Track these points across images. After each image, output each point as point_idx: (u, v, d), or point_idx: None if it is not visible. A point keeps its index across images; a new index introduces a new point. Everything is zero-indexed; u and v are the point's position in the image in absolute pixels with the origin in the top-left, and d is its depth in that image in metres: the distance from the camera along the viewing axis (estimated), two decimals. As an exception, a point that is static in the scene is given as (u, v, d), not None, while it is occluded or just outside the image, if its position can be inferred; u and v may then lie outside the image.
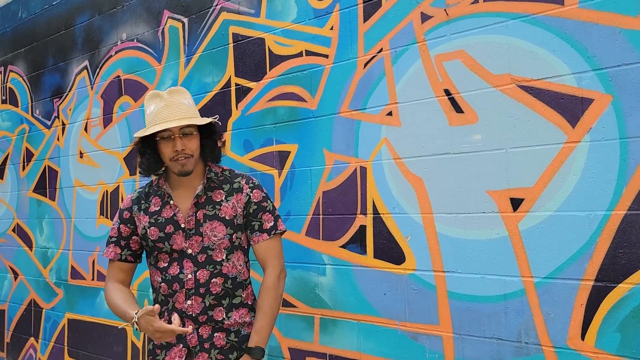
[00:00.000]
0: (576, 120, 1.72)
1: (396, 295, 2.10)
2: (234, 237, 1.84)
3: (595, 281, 1.68)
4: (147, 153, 1.85)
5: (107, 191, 3.35)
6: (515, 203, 1.84)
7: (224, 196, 1.86)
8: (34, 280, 3.91)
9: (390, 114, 2.14)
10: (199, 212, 1.83)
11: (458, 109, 1.97)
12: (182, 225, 1.82)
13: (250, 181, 1.91)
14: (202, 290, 1.80)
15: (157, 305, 1.62)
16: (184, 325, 1.79)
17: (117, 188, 3.28)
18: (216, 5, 2.77)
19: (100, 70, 3.44)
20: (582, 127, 1.71)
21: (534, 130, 1.80)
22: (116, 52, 3.33)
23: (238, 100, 2.66)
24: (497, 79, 1.88)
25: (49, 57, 3.83)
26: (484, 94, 1.90)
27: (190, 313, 1.80)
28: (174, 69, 2.97)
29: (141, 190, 1.94)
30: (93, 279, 3.43)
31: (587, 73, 1.70)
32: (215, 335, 1.82)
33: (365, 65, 2.22)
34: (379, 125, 2.17)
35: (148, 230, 1.85)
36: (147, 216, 1.87)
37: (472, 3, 1.93)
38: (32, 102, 3.98)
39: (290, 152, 2.44)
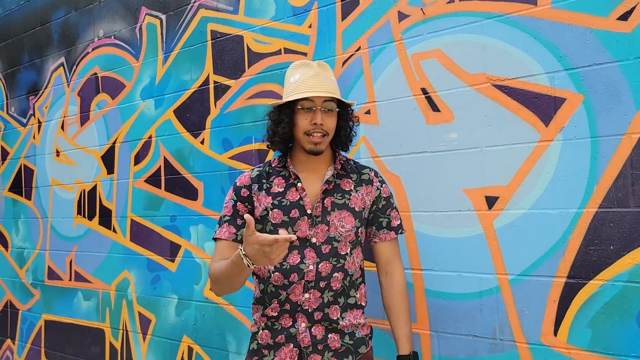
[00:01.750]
0: (549, 119, 1.74)
1: (375, 293, 2.10)
2: (359, 231, 1.71)
3: (568, 278, 1.70)
4: (284, 122, 1.66)
5: (84, 190, 3.31)
6: (490, 201, 1.85)
7: (353, 186, 1.72)
8: (9, 281, 3.84)
9: (368, 112, 2.14)
10: (326, 199, 1.68)
11: (435, 107, 1.98)
12: (309, 211, 1.66)
13: (379, 175, 1.80)
14: (322, 284, 1.65)
15: (249, 216, 1.38)
16: (294, 322, 1.65)
17: (95, 187, 3.24)
18: (194, 2, 2.75)
19: (77, 67, 3.39)
20: (554, 126, 1.73)
21: (509, 129, 1.82)
22: (93, 49, 3.28)
23: (217, 98, 2.65)
24: (472, 78, 1.89)
25: (24, 54, 3.76)
26: (460, 92, 1.92)
27: (307, 308, 1.64)
28: (152, 66, 2.94)
29: (261, 168, 1.76)
30: (70, 280, 3.38)
31: (560, 72, 1.72)
32: (329, 336, 1.66)
33: (344, 63, 2.22)
34: (358, 123, 2.17)
35: (270, 212, 1.67)
36: (270, 197, 1.69)
37: (447, 2, 1.95)
38: (7, 99, 3.91)
39: (269, 150, 2.44)
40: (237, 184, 1.74)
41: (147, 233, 2.95)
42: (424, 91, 2.00)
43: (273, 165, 1.75)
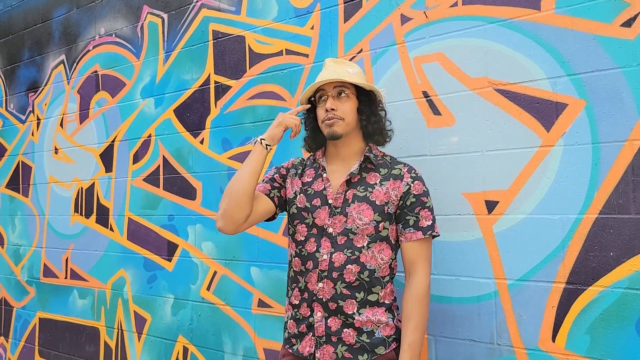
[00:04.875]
0: (550, 124, 1.74)
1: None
2: (380, 225, 1.65)
3: (567, 284, 1.70)
4: (308, 117, 1.82)
5: (82, 188, 3.29)
6: (490, 205, 1.85)
7: (379, 180, 1.70)
8: (5, 278, 3.82)
9: (369, 114, 2.14)
10: (349, 191, 1.70)
11: (436, 111, 1.98)
12: (329, 201, 1.70)
13: (413, 171, 1.72)
14: (335, 274, 1.64)
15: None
16: (312, 312, 1.67)
17: (93, 185, 3.23)
18: (196, 2, 2.74)
19: (77, 64, 3.38)
20: (556, 131, 1.73)
21: (510, 134, 1.82)
22: (94, 47, 3.27)
23: (217, 98, 2.64)
24: (474, 82, 1.89)
25: (24, 51, 3.75)
26: (462, 96, 1.92)
27: (321, 297, 1.65)
28: (153, 65, 2.93)
29: (302, 159, 1.88)
30: (66, 278, 3.36)
31: (562, 78, 1.72)
32: (344, 330, 1.64)
33: (345, 65, 2.21)
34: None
35: (298, 196, 1.76)
36: (300, 183, 1.79)
37: (451, 6, 1.94)
38: (6, 96, 3.89)
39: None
40: (282, 165, 1.88)
41: (145, 232, 2.93)
42: (426, 94, 2.00)
43: (311, 158, 1.85)
